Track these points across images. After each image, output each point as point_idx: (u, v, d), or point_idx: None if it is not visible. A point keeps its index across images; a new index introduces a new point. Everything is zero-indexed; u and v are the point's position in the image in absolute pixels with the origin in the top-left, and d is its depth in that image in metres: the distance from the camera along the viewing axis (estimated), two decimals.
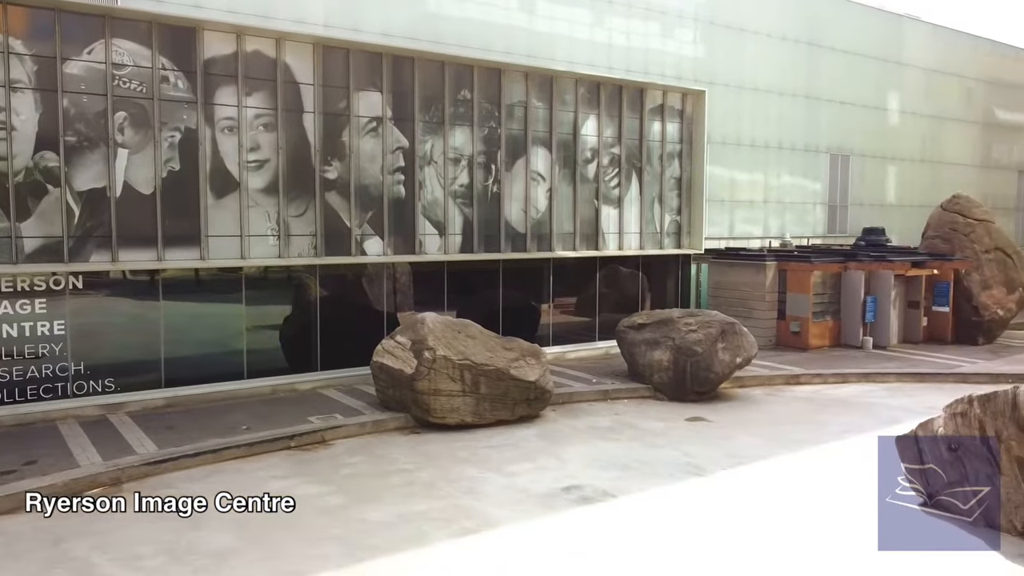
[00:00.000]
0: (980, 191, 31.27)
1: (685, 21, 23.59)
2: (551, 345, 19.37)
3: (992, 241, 24.05)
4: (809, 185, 27.41)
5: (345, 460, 12.07)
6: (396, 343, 14.11)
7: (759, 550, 8.89)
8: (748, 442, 13.15)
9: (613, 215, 20.65)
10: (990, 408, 9.28)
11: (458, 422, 13.60)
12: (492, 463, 11.93)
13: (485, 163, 18.33)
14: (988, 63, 33.48)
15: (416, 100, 17.14)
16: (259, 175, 15.40)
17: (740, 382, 17.22)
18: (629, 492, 10.70)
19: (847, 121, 28.21)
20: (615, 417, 14.79)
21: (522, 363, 14.24)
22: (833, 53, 27.54)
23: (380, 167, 16.77)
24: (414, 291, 17.93)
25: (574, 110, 19.69)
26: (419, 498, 10.41)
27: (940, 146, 31.91)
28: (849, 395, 16.90)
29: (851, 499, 10.50)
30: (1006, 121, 34.55)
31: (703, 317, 16.74)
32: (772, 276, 21.79)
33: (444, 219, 17.74)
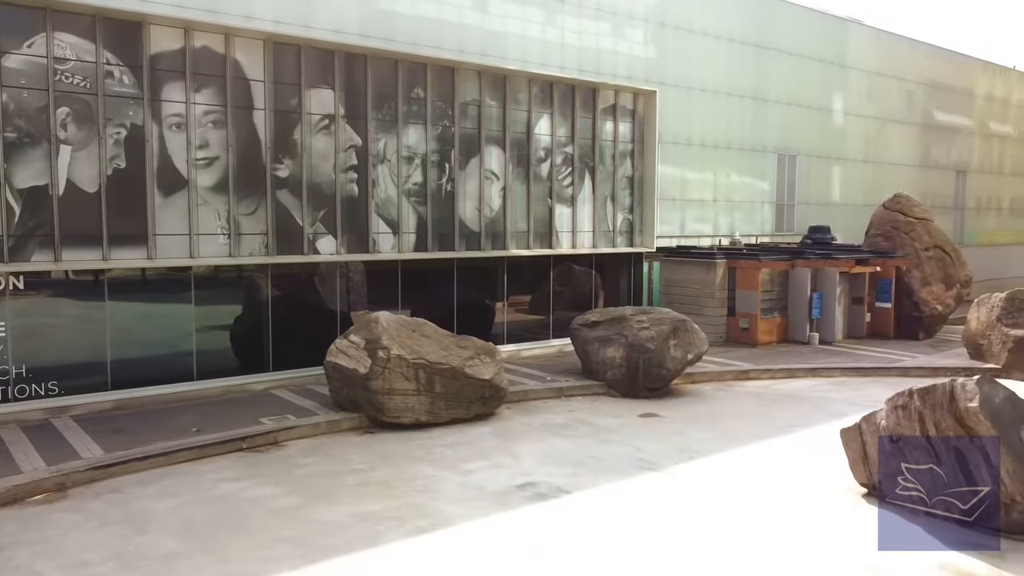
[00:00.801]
0: (920, 190, 32.27)
1: (636, 22, 23.85)
2: (506, 343, 19.44)
3: (931, 239, 24.86)
4: (757, 184, 27.97)
5: (299, 461, 11.95)
6: (350, 342, 14.02)
7: (711, 543, 9.07)
8: (700, 437, 13.40)
9: (567, 214, 20.80)
10: (929, 401, 9.61)
11: (413, 421, 13.58)
12: (447, 461, 11.95)
13: (439, 162, 18.31)
14: (927, 67, 34.55)
15: (369, 98, 17.03)
16: (208, 173, 15.14)
17: (691, 378, 17.51)
18: (583, 488, 10.82)
19: (794, 122, 28.87)
20: (569, 414, 14.91)
21: (477, 361, 14.27)
22: (780, 55, 28.15)
23: (333, 165, 16.63)
24: (368, 290, 17.83)
25: (527, 109, 19.78)
26: (374, 498, 10.37)
27: (882, 147, 32.84)
28: (796, 390, 17.31)
29: (799, 491, 10.79)
30: (944, 123, 35.69)
31: (655, 315, 16.98)
32: (722, 274, 22.19)
33: (398, 218, 17.67)
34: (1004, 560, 8.48)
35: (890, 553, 8.68)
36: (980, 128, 37.77)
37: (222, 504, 10.11)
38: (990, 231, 38.67)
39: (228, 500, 10.25)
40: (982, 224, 38.29)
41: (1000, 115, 39.04)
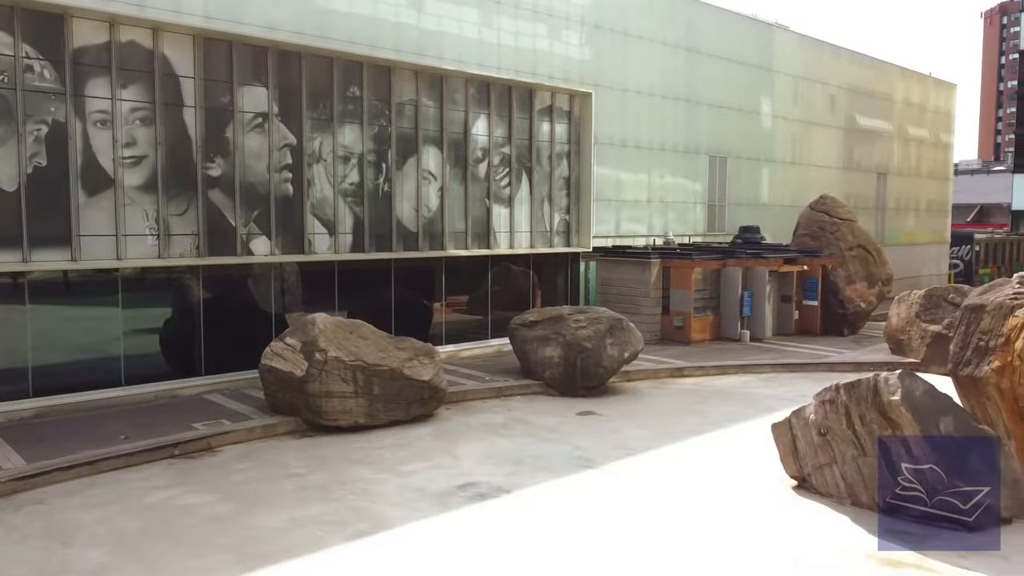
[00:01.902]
0: (844, 192, 33.46)
1: (571, 24, 24.07)
2: (444, 344, 19.39)
3: (855, 239, 25.82)
4: (690, 185, 28.55)
5: (234, 466, 11.70)
6: (285, 345, 13.79)
7: (649, 537, 9.24)
8: (636, 434, 13.62)
9: (504, 214, 20.87)
10: (855, 395, 10.00)
11: (351, 424, 13.43)
12: (387, 464, 11.87)
13: (376, 161, 18.15)
14: (849, 72, 35.81)
15: (304, 96, 16.77)
16: (136, 172, 14.68)
17: (628, 376, 17.79)
18: (523, 487, 10.89)
19: (724, 124, 29.56)
20: (508, 414, 14.98)
21: (415, 363, 14.21)
22: (711, 59, 28.78)
23: (266, 164, 16.31)
24: (303, 291, 17.55)
25: (464, 109, 19.77)
26: (312, 502, 10.23)
27: (808, 149, 33.91)
28: (729, 386, 17.76)
29: (732, 484, 11.08)
30: (865, 127, 37.06)
31: (592, 314, 17.19)
32: (656, 273, 22.60)
33: (334, 218, 17.44)
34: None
35: (818, 544, 9.00)
36: (899, 132, 39.35)
37: (153, 513, 9.83)
38: (909, 231, 40.33)
39: (159, 509, 9.97)
40: (901, 224, 39.90)
41: (917, 120, 40.75)
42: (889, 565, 8.47)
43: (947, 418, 9.63)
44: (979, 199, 55.01)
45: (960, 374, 11.70)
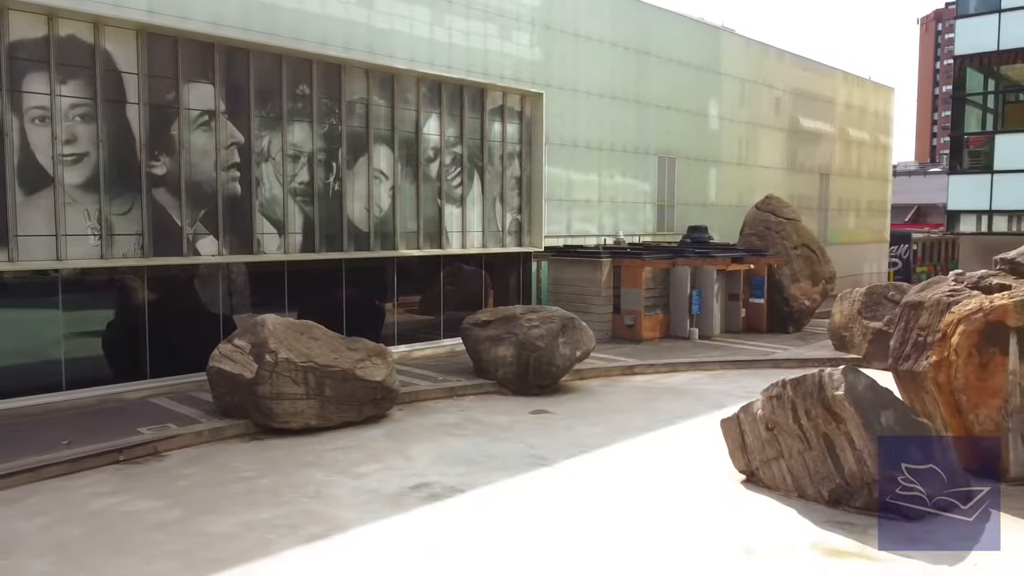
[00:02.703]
0: (788, 192, 34.25)
1: (522, 24, 24.16)
2: (397, 344, 19.30)
3: (800, 238, 26.46)
4: (639, 186, 28.90)
5: (181, 471, 11.47)
6: (234, 347, 13.57)
7: (602, 533, 9.34)
8: (589, 431, 13.75)
9: (456, 214, 20.85)
10: (800, 390, 10.26)
11: (303, 426, 13.28)
12: (339, 466, 11.76)
13: (326, 160, 17.96)
14: (792, 75, 36.68)
15: (252, 94, 16.51)
16: (77, 170, 14.28)
17: (580, 374, 17.93)
18: (477, 486, 10.90)
19: (673, 125, 30.00)
20: (461, 413, 14.98)
21: (368, 363, 14.11)
22: (659, 61, 29.18)
23: (213, 163, 16.02)
24: (252, 292, 17.28)
25: (416, 109, 19.70)
26: (263, 506, 10.09)
27: (754, 150, 34.62)
28: (679, 383, 18.03)
29: (682, 479, 11.26)
30: (808, 129, 38.00)
31: (544, 313, 17.28)
32: (607, 272, 22.83)
33: (284, 217, 17.21)
34: (867, 536, 9.15)
35: (766, 535, 9.21)
36: (840, 134, 40.42)
37: (98, 520, 9.58)
38: (850, 230, 41.48)
39: (104, 516, 9.72)
40: (843, 224, 41.01)
41: (857, 122, 41.92)
42: (833, 555, 8.71)
43: (888, 412, 9.95)
44: (916, 200, 56.81)
45: (900, 369, 12.10)
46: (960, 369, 11.02)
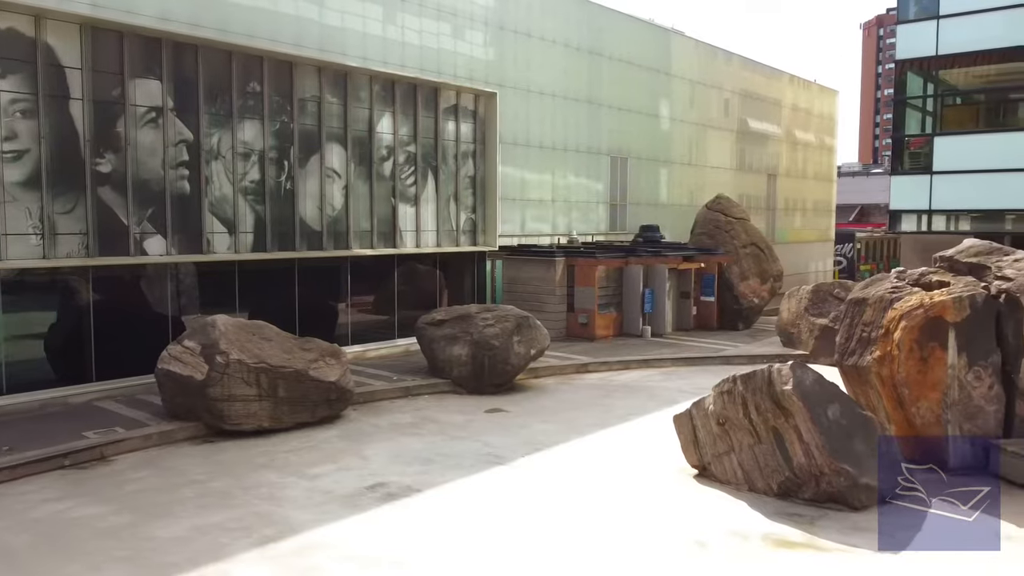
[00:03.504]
0: (737, 192, 34.90)
1: (476, 24, 24.16)
2: (351, 344, 19.15)
3: (748, 237, 27.00)
4: (592, 185, 29.14)
5: (130, 476, 11.22)
6: (184, 348, 13.32)
7: (558, 528, 9.42)
8: (544, 429, 13.84)
9: (410, 213, 20.77)
10: (750, 386, 10.49)
11: (256, 427, 13.10)
12: (293, 467, 11.64)
13: (277, 159, 17.73)
14: (741, 77, 37.36)
15: (201, 90, 16.21)
16: (17, 167, 13.85)
17: (535, 373, 18.03)
18: (433, 485, 10.90)
19: (625, 126, 30.32)
20: (417, 413, 14.94)
21: (321, 364, 13.99)
22: (611, 62, 29.46)
23: (161, 161, 15.69)
24: (202, 293, 16.96)
25: (369, 107, 19.57)
26: (215, 509, 9.94)
27: (704, 151, 35.19)
28: (632, 380, 18.26)
29: (636, 475, 11.41)
30: (756, 130, 38.76)
31: (499, 312, 17.33)
32: (561, 271, 22.98)
33: (234, 216, 16.94)
34: (815, 527, 9.41)
35: (717, 527, 9.40)
36: (787, 136, 41.32)
37: (43, 527, 9.32)
38: (796, 229, 42.43)
39: (50, 522, 9.46)
40: (790, 223, 41.93)
41: (803, 124, 42.90)
42: (783, 546, 8.93)
43: (834, 405, 10.24)
44: (860, 200, 58.38)
45: (845, 364, 12.45)
46: (902, 363, 11.39)
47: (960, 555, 8.75)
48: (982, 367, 11.53)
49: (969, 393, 11.45)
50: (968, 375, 11.45)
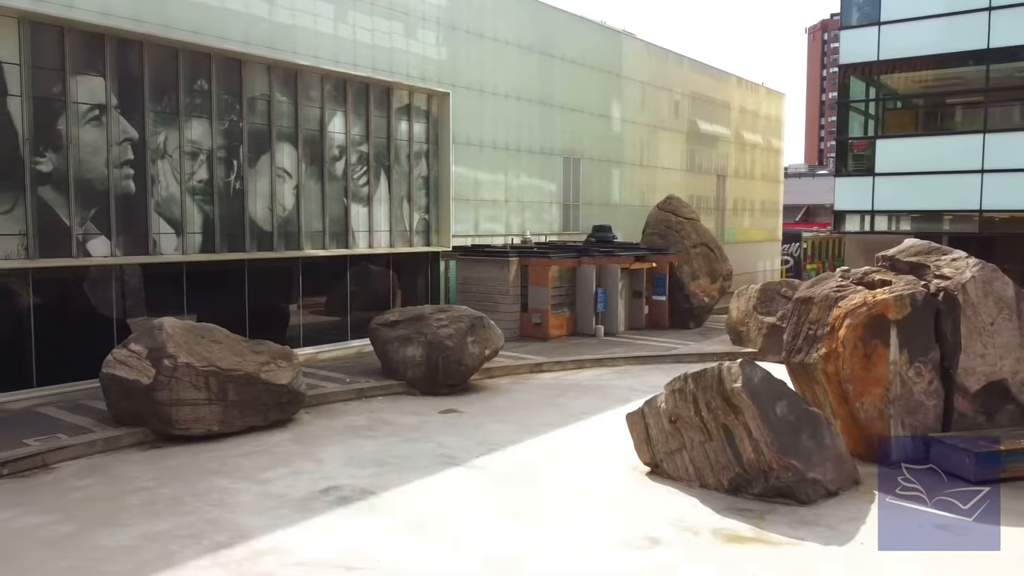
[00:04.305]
0: (687, 193, 35.40)
1: (428, 23, 24.07)
2: (303, 346, 18.92)
3: (699, 237, 27.42)
4: (545, 186, 29.27)
5: (73, 484, 10.92)
6: (130, 352, 13.01)
7: (513, 527, 9.45)
8: (498, 428, 13.87)
9: (363, 213, 20.61)
10: (701, 383, 10.66)
11: (205, 432, 12.86)
12: (244, 471, 11.46)
13: (226, 158, 17.43)
14: (691, 80, 37.92)
15: (146, 88, 15.86)
16: None
17: (489, 373, 18.05)
18: (388, 488, 10.84)
19: (577, 127, 30.52)
20: (371, 415, 14.84)
21: (273, 366, 13.80)
22: (564, 63, 29.63)
23: (105, 160, 15.30)
24: (148, 295, 16.58)
25: (320, 106, 19.36)
26: (164, 516, 9.73)
27: (655, 152, 35.61)
28: (585, 379, 18.40)
29: (590, 473, 11.52)
30: (706, 132, 39.37)
31: (453, 312, 17.31)
32: (515, 271, 23.04)
33: (182, 217, 16.60)
34: (764, 521, 9.61)
35: (670, 524, 9.54)
36: (736, 137, 42.06)
37: None
38: (745, 229, 43.22)
39: None
40: (739, 223, 42.68)
41: (751, 126, 43.72)
42: (733, 540, 9.11)
43: (782, 402, 10.48)
44: (806, 200, 59.68)
45: (792, 361, 12.74)
46: (847, 360, 11.70)
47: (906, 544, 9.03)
48: (922, 363, 11.91)
49: (910, 388, 11.82)
50: (909, 371, 11.82)
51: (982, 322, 12.06)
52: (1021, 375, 12.20)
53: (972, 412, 12.05)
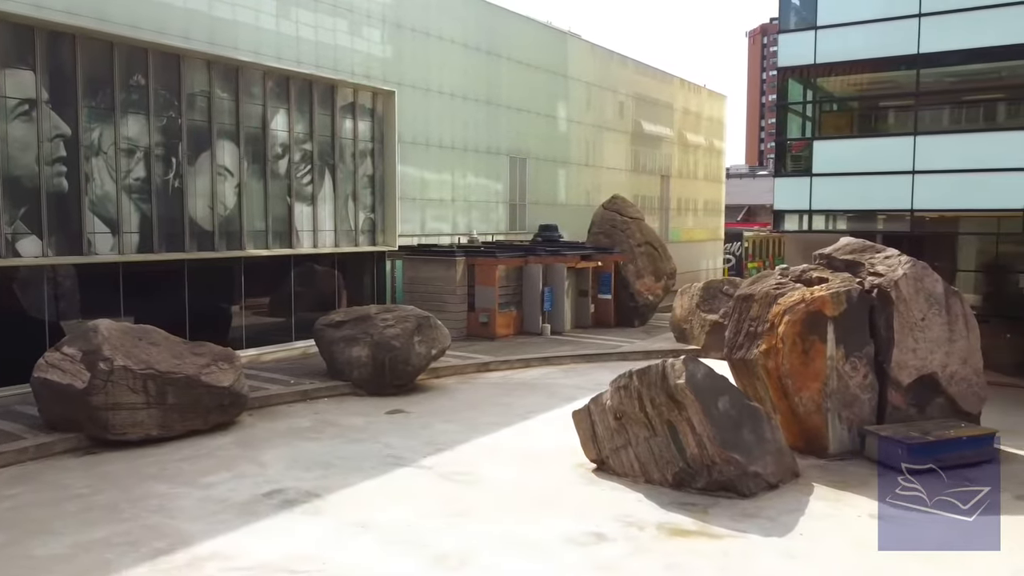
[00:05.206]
0: (632, 193, 35.81)
1: (373, 21, 23.84)
2: (246, 348, 18.56)
3: (643, 236, 27.77)
4: (492, 185, 29.28)
5: (3, 492, 10.52)
6: (63, 355, 12.59)
7: (462, 526, 9.44)
8: (445, 428, 13.83)
9: (307, 212, 20.32)
10: (645, 380, 10.81)
11: (143, 436, 12.52)
12: (185, 476, 11.20)
13: (165, 155, 17.00)
14: (635, 81, 38.37)
15: (79, 83, 15.36)
16: None
17: (436, 373, 17.98)
18: (333, 490, 10.72)
19: (523, 127, 30.61)
20: (316, 416, 14.65)
21: (214, 368, 13.51)
22: (510, 63, 29.68)
23: (35, 156, 14.78)
24: (83, 296, 16.07)
25: (263, 103, 19.02)
26: (100, 524, 9.45)
27: (600, 152, 35.94)
28: (532, 378, 18.47)
29: (537, 471, 11.58)
30: (650, 132, 39.89)
31: (400, 312, 17.20)
32: (462, 271, 23.00)
33: (118, 216, 16.13)
34: (708, 515, 9.80)
35: (615, 520, 9.65)
36: (679, 138, 42.72)
37: None
38: (688, 229, 43.94)
39: None
40: (682, 223, 43.36)
41: (694, 127, 44.46)
42: (677, 534, 9.26)
43: (724, 397, 10.69)
44: (747, 200, 60.99)
45: (734, 357, 13.01)
46: (786, 356, 11.99)
47: (841, 533, 9.31)
48: (858, 358, 12.29)
49: (846, 382, 12.18)
50: (845, 366, 12.18)
51: (913, 318, 12.49)
52: (950, 368, 12.68)
53: (905, 405, 12.47)
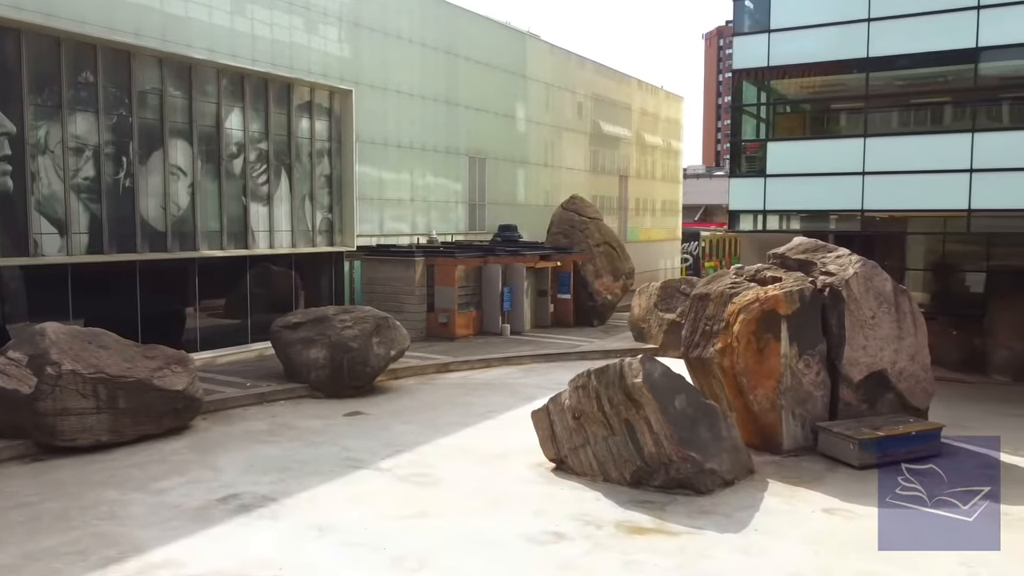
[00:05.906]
0: (591, 193, 36.03)
1: (330, 19, 23.62)
2: (200, 350, 18.23)
3: (602, 236, 27.97)
4: (451, 185, 29.22)
5: None
6: (8, 360, 12.24)
7: (422, 527, 9.40)
8: (405, 430, 13.76)
9: (263, 212, 20.04)
10: (604, 379, 10.89)
11: (93, 442, 12.23)
12: (136, 482, 10.97)
13: (115, 154, 16.62)
14: (593, 82, 38.61)
15: (25, 79, 14.94)
16: None
17: (395, 374, 17.88)
18: (291, 493, 10.59)
19: (483, 126, 30.60)
20: (272, 419, 14.46)
21: (167, 371, 13.25)
22: (469, 63, 29.64)
23: None
24: (29, 299, 15.63)
25: (217, 102, 18.70)
26: (48, 532, 9.21)
27: (559, 153, 36.10)
28: (492, 378, 18.48)
29: (496, 470, 11.59)
30: (608, 133, 40.18)
31: (358, 313, 17.06)
32: (421, 271, 22.90)
33: (66, 216, 15.72)
34: (665, 512, 9.90)
35: (574, 518, 9.70)
36: (637, 139, 43.11)
37: None
38: (647, 229, 44.36)
39: None
40: (640, 223, 43.76)
41: (652, 128, 44.90)
42: (635, 532, 9.34)
43: (681, 396, 10.81)
44: (704, 200, 61.74)
45: (691, 356, 13.17)
46: (741, 354, 12.18)
47: (795, 528, 9.48)
48: (811, 355, 12.53)
49: (800, 380, 12.41)
50: (799, 363, 12.41)
51: (864, 316, 12.78)
52: (899, 365, 13.00)
53: (856, 401, 12.75)
